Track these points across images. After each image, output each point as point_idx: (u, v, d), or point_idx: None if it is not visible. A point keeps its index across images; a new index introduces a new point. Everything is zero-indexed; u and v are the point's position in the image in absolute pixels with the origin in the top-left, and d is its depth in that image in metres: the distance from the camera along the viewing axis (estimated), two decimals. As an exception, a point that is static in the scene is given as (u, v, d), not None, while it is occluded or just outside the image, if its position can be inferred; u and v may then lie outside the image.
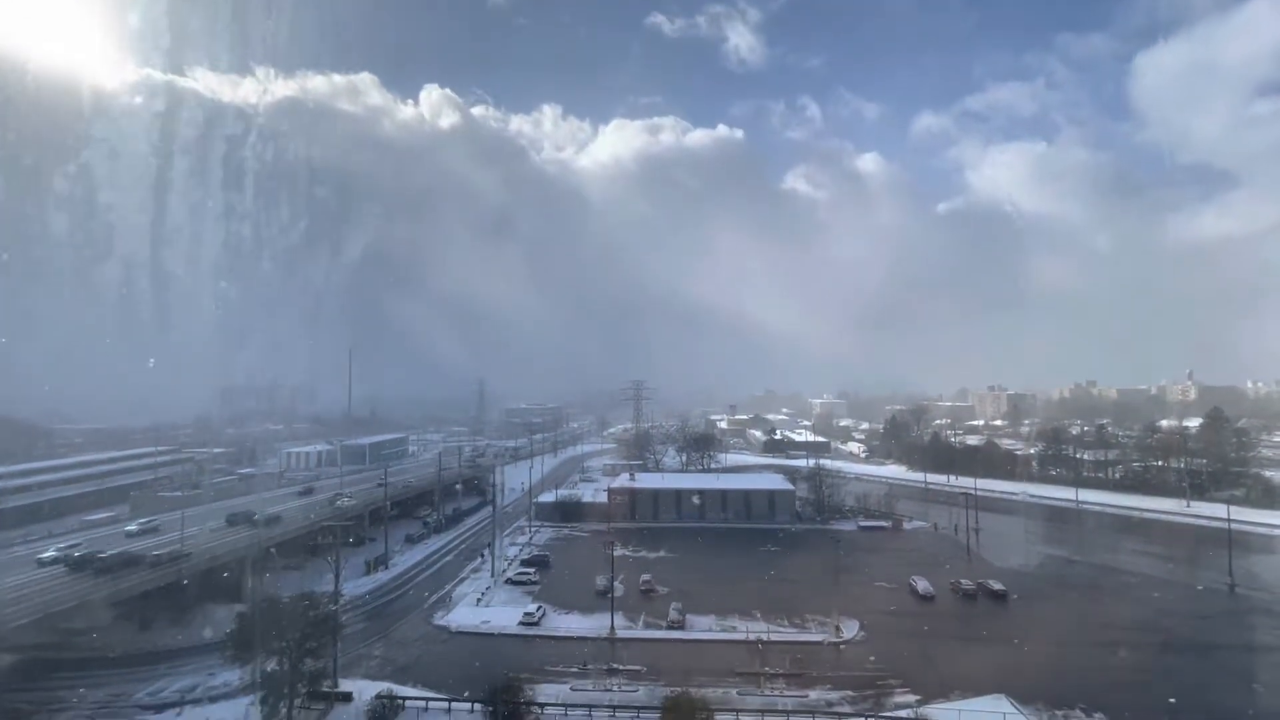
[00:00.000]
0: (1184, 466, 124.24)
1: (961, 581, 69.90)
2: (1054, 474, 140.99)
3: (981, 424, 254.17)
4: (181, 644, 56.87)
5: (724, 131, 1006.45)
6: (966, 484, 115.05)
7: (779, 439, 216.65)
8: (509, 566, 79.77)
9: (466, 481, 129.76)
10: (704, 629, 59.64)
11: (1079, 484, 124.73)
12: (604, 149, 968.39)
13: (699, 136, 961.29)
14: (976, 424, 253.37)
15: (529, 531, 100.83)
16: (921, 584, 69.05)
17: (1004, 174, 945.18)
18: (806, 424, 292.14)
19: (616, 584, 68.35)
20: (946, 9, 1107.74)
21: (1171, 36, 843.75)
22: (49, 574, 60.18)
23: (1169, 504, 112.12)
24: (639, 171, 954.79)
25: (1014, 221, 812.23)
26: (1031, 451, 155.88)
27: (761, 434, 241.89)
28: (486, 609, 65.53)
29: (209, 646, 53.11)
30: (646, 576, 73.16)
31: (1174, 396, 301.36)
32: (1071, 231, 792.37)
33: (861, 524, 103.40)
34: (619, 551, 78.44)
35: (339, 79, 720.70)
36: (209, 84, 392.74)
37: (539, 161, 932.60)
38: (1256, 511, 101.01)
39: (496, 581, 73.93)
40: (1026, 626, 59.87)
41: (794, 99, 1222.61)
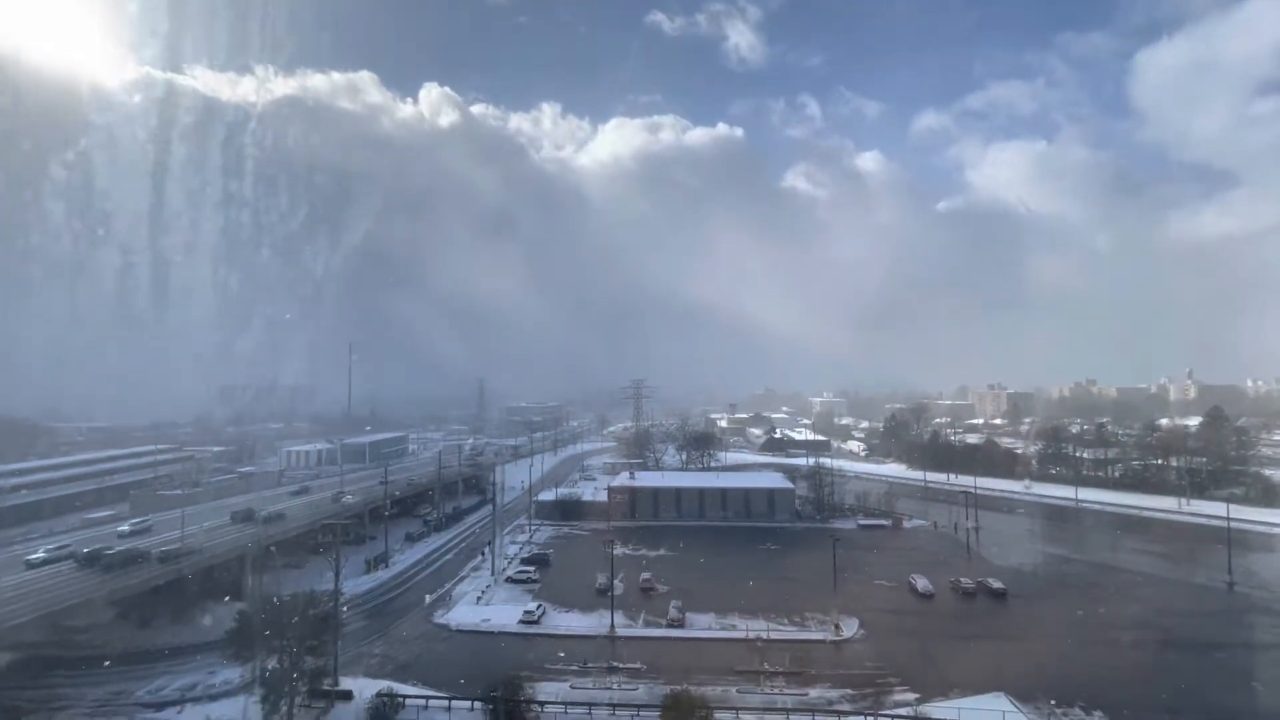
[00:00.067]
0: (1184, 465, 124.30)
1: (961, 580, 70.00)
2: (1054, 472, 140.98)
3: (981, 423, 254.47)
4: (182, 642, 56.90)
5: (724, 130, 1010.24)
6: (966, 482, 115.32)
7: (779, 437, 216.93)
8: (509, 565, 79.81)
9: (466, 480, 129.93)
10: (704, 627, 59.71)
11: (1079, 482, 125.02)
12: (604, 147, 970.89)
13: (699, 135, 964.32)
14: (976, 423, 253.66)
15: (529, 530, 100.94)
16: (921, 582, 69.14)
17: (1004, 172, 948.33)
18: (806, 422, 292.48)
19: (616, 582, 68.51)
20: (947, 7, 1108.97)
21: (1172, 35, 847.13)
22: (53, 571, 60.18)
23: (1168, 502, 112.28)
24: (639, 170, 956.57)
25: (1014, 220, 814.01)
26: (1031, 450, 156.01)
27: (761, 432, 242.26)
28: (486, 607, 65.60)
29: (209, 644, 53.27)
30: (646, 575, 73.22)
31: (1174, 395, 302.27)
32: (1071, 230, 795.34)
33: (861, 522, 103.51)
34: (619, 550, 78.54)
35: (338, 77, 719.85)
36: (208, 82, 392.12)
37: (538, 160, 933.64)
38: (1256, 510, 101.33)
39: (496, 580, 74.01)
40: (1026, 625, 60.03)
41: (794, 97, 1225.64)
